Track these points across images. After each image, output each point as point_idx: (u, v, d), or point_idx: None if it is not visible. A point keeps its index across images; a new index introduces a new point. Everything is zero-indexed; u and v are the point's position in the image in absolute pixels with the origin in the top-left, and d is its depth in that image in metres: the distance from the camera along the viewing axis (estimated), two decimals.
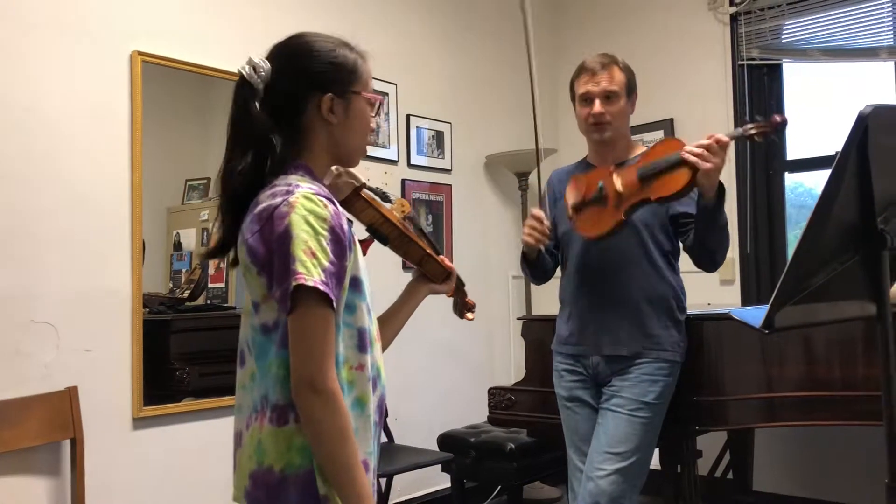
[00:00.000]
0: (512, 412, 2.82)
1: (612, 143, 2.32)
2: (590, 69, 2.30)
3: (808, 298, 1.34)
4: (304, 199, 1.23)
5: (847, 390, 2.23)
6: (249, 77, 1.31)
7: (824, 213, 1.27)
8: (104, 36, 2.71)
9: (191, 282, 3.07)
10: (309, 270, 1.19)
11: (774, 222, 3.89)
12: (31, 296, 2.49)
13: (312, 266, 1.19)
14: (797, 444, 3.62)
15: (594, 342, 2.29)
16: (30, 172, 2.51)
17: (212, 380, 3.01)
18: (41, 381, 2.49)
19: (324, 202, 1.25)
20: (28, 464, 2.46)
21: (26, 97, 2.51)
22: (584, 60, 2.34)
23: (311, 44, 1.37)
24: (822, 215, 1.26)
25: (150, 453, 2.75)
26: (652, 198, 2.11)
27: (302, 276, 1.19)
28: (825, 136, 3.78)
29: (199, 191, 3.08)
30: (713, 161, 1.98)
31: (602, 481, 2.18)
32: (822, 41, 3.73)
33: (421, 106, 3.88)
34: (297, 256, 1.19)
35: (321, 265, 1.21)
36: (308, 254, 1.20)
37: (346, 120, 1.37)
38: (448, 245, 3.98)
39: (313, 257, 1.20)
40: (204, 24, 3.02)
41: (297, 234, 1.20)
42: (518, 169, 4.17)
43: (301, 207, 1.22)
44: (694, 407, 2.40)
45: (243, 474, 1.28)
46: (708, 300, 3.57)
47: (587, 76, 2.31)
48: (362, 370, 1.31)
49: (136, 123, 2.76)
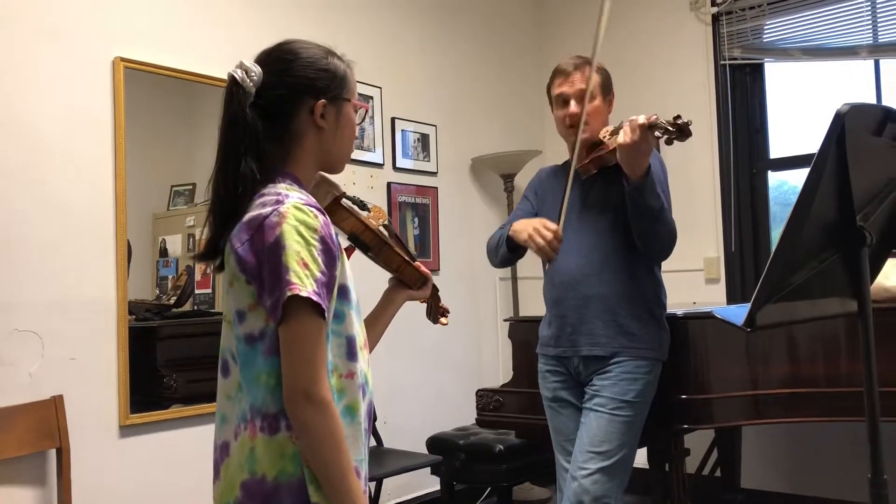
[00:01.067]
0: (500, 414, 2.82)
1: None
2: (563, 71, 2.33)
3: (790, 296, 1.35)
4: (295, 209, 1.24)
5: (830, 387, 2.26)
6: (242, 81, 1.31)
7: (804, 211, 1.28)
8: (86, 42, 2.70)
9: (177, 288, 3.05)
10: (302, 281, 1.20)
11: (759, 220, 3.92)
12: (15, 304, 2.47)
13: (305, 276, 1.20)
14: (784, 440, 3.65)
15: (572, 343, 2.30)
16: (11, 180, 2.49)
17: (199, 386, 2.99)
18: (26, 390, 2.47)
19: (314, 212, 1.26)
20: (13, 473, 2.45)
21: (6, 104, 2.50)
22: (559, 63, 2.37)
23: (303, 50, 1.37)
24: (801, 213, 1.27)
25: (137, 461, 2.73)
26: (600, 153, 2.25)
27: (296, 286, 1.19)
28: (808, 134, 3.81)
29: (184, 196, 3.07)
30: (629, 136, 2.04)
31: (585, 480, 2.19)
32: (803, 40, 3.76)
33: (406, 109, 3.88)
34: (291, 267, 1.20)
35: (313, 275, 1.22)
36: (301, 264, 1.21)
37: (336, 126, 1.39)
38: (434, 247, 3.98)
39: (306, 268, 1.21)
40: (186, 30, 3.01)
41: (290, 244, 1.21)
42: (504, 171, 4.18)
43: (292, 218, 1.23)
44: (680, 405, 2.42)
45: (232, 485, 1.28)
46: (693, 299, 3.59)
47: (561, 78, 2.33)
48: (352, 378, 1.31)
49: (119, 130, 2.75)
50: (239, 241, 1.26)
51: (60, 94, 2.62)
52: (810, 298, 1.42)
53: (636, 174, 2.08)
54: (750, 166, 3.94)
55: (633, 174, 2.09)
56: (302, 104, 1.35)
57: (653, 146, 2.08)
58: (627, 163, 2.08)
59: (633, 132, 2.03)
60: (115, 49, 2.77)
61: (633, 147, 2.04)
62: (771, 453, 3.67)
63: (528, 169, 4.18)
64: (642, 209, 2.13)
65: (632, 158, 2.06)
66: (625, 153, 2.07)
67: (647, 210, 2.13)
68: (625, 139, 2.05)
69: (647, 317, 2.28)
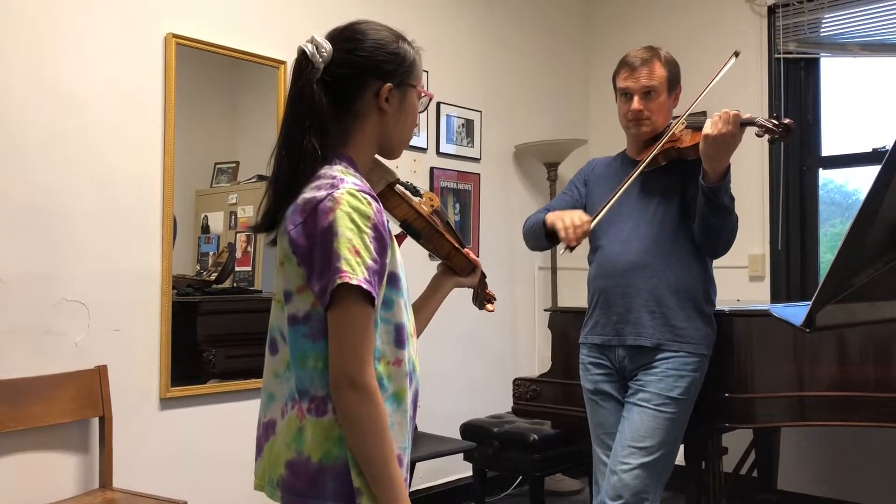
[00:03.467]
0: (536, 403, 2.81)
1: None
2: (629, 64, 2.28)
3: (851, 297, 1.31)
4: (349, 195, 1.23)
5: (881, 391, 2.20)
6: (312, 56, 1.30)
7: (871, 210, 1.23)
8: (138, 18, 2.72)
9: (218, 265, 3.08)
10: (353, 268, 1.20)
11: (806, 219, 3.83)
12: (63, 275, 2.52)
13: (357, 264, 1.20)
14: (824, 443, 3.58)
15: (618, 332, 2.27)
16: (62, 154, 2.53)
17: (238, 362, 3.03)
18: (71, 359, 2.52)
19: (368, 199, 1.25)
20: (58, 440, 2.50)
21: (60, 79, 2.53)
22: (626, 54, 2.32)
23: (374, 32, 1.37)
24: (869, 213, 1.23)
25: (176, 433, 2.77)
26: (675, 146, 2.18)
27: (346, 273, 1.19)
28: (861, 132, 3.71)
29: (227, 174, 3.09)
30: (718, 127, 2.00)
31: (626, 475, 2.17)
32: (862, 35, 3.65)
33: (451, 94, 3.86)
34: (342, 254, 1.20)
35: (365, 263, 1.21)
36: (352, 251, 1.20)
37: (399, 111, 1.38)
38: (475, 234, 3.96)
39: (357, 255, 1.21)
40: (238, 7, 3.02)
41: (342, 231, 1.21)
42: (547, 159, 4.14)
43: (346, 204, 1.22)
44: (722, 404, 2.38)
45: (276, 462, 1.28)
46: (738, 296, 3.53)
47: (627, 72, 2.28)
48: (399, 365, 1.31)
49: (169, 105, 2.77)
50: (292, 223, 1.26)
51: (112, 68, 2.65)
52: (871, 300, 1.38)
53: (717, 170, 2.04)
54: (800, 163, 3.85)
55: (714, 170, 2.05)
56: (368, 85, 1.34)
57: (739, 142, 2.04)
58: (711, 156, 2.03)
59: (723, 124, 2.00)
60: (167, 25, 2.78)
61: (719, 139, 2.00)
62: (809, 456, 3.60)
63: (572, 158, 4.14)
64: (716, 208, 2.10)
65: (716, 152, 2.02)
66: (710, 145, 2.02)
67: (720, 209, 2.10)
68: (713, 130, 2.01)
69: (695, 312, 2.25)
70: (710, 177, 2.07)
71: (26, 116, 2.45)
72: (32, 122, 2.47)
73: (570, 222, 2.10)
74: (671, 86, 2.29)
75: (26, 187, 2.45)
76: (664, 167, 2.25)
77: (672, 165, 2.23)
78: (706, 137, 2.02)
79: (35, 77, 2.47)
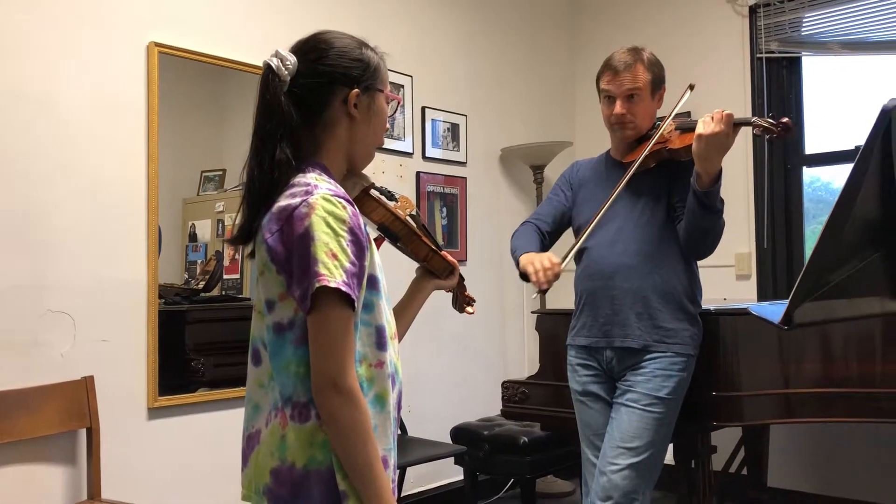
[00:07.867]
0: (526, 405, 2.81)
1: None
2: (612, 68, 2.27)
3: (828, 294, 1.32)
4: (324, 200, 1.24)
5: (865, 387, 2.21)
6: (277, 69, 1.33)
7: (846, 207, 1.25)
8: (120, 27, 2.72)
9: (206, 273, 3.08)
10: (331, 272, 1.20)
11: (792, 217, 3.86)
12: (48, 286, 2.51)
13: (334, 267, 1.21)
14: (813, 440, 3.60)
15: (605, 334, 2.28)
16: (46, 164, 2.52)
17: (226, 370, 3.02)
18: (58, 370, 2.51)
19: (342, 203, 1.26)
20: (45, 452, 2.49)
21: (41, 88, 2.52)
22: (610, 56, 2.31)
23: (337, 40, 1.39)
24: (843, 210, 1.24)
25: (165, 443, 2.77)
26: (666, 147, 2.19)
27: (324, 277, 1.20)
28: (844, 130, 3.74)
29: (214, 182, 3.09)
30: (711, 127, 2.00)
31: (615, 476, 2.17)
32: (842, 34, 3.68)
33: (436, 98, 3.87)
34: (319, 258, 1.21)
35: (343, 266, 1.22)
36: (330, 255, 1.21)
37: (367, 116, 1.39)
38: (462, 238, 3.97)
39: (335, 259, 1.22)
40: (220, 16, 3.02)
41: (318, 235, 1.22)
42: (533, 162, 4.15)
43: (321, 209, 1.23)
44: (709, 402, 2.39)
45: (261, 471, 1.29)
46: (724, 295, 3.55)
47: (610, 75, 2.28)
48: (381, 367, 1.32)
49: (152, 114, 2.77)
50: (269, 232, 1.26)
51: (95, 77, 2.65)
52: (849, 297, 1.39)
53: (710, 172, 2.04)
54: (784, 161, 3.87)
55: (707, 172, 2.04)
56: (335, 93, 1.36)
57: (732, 143, 2.03)
58: (704, 157, 2.02)
59: (716, 123, 1.99)
60: (149, 34, 2.78)
61: (713, 139, 2.00)
62: (798, 453, 3.62)
63: (558, 160, 4.15)
64: (707, 211, 2.09)
65: (708, 152, 2.01)
66: (703, 145, 2.01)
67: (712, 212, 2.10)
68: (706, 130, 2.00)
69: (681, 312, 2.26)
70: (704, 180, 2.06)
71: (8, 126, 2.45)
72: (15, 132, 2.46)
73: (541, 265, 2.11)
74: (654, 88, 2.30)
75: (9, 198, 2.44)
76: (649, 170, 2.26)
77: (656, 168, 2.24)
78: (699, 137, 2.01)
79: (17, 87, 2.47)
